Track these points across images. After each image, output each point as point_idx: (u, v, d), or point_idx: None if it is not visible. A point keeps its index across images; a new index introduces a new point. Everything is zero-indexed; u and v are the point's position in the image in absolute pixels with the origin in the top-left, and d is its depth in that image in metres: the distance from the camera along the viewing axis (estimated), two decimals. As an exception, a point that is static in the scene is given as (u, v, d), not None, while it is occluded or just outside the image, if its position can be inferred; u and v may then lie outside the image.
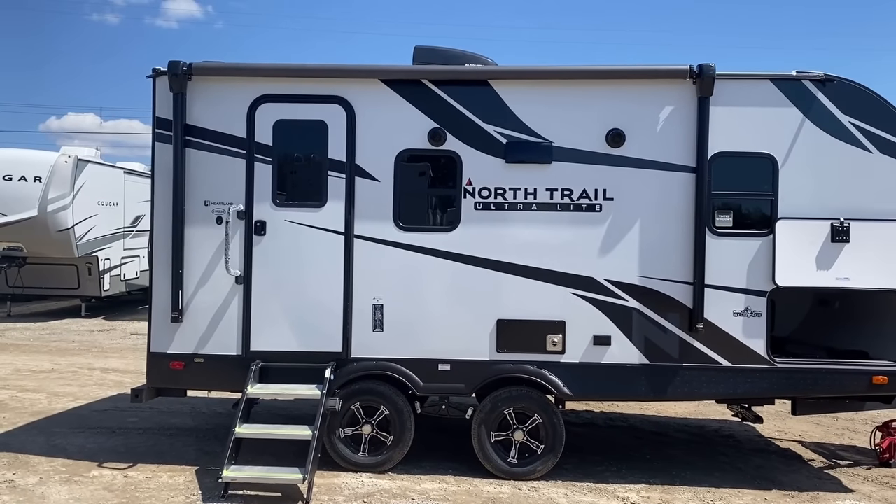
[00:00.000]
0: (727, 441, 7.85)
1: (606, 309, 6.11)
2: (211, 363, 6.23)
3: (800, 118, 6.03)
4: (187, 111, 6.21)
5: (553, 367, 6.13)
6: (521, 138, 6.15)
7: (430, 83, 6.20)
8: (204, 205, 6.23)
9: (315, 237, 6.22)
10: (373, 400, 6.23)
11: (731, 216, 6.09)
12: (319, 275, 6.21)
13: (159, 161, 6.27)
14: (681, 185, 6.07)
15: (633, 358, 6.11)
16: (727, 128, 6.03)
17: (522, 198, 6.15)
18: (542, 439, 6.18)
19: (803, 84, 6.05)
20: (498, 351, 6.15)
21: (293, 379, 6.17)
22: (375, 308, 6.20)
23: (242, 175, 6.23)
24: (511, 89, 6.17)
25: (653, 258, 6.09)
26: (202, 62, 6.22)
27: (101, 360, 11.80)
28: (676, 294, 6.08)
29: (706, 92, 5.98)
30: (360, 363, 6.21)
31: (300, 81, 6.25)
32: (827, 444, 7.79)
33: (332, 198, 6.21)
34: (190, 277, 6.23)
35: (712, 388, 6.09)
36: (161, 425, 7.81)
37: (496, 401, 6.19)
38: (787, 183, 6.03)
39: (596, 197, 6.12)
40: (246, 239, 6.23)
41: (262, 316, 6.22)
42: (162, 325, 6.26)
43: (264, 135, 6.23)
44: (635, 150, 6.10)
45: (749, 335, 6.05)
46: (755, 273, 6.04)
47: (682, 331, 6.08)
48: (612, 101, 6.12)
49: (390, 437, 6.22)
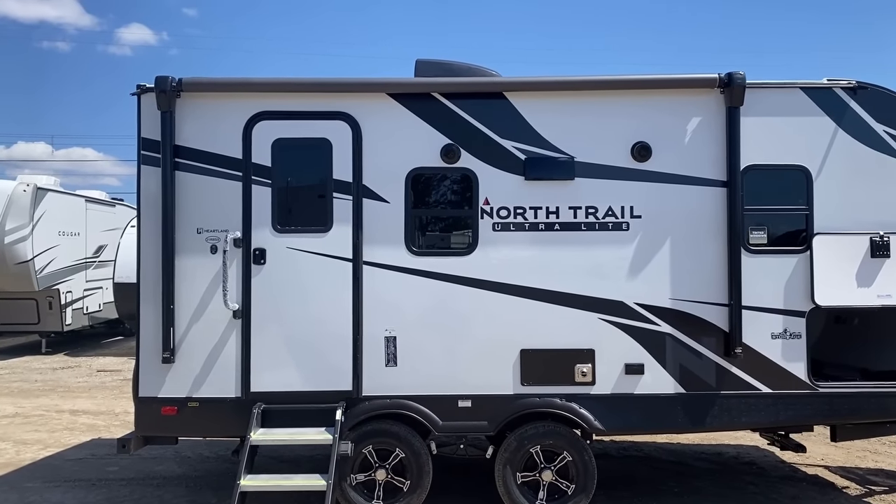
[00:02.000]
0: (750, 468, 7.47)
1: (638, 335, 5.69)
2: (207, 407, 5.63)
3: (832, 128, 5.74)
4: (176, 131, 5.67)
5: (583, 400, 5.68)
6: (541, 154, 5.74)
7: (442, 97, 5.76)
8: (196, 233, 5.67)
9: (320, 265, 5.69)
10: (387, 442, 5.69)
11: (766, 232, 5.75)
12: (325, 306, 5.68)
13: (146, 186, 5.69)
14: (712, 200, 5.71)
15: (667, 387, 5.69)
16: (758, 139, 5.71)
17: (544, 217, 5.72)
18: (573, 479, 5.70)
19: (834, 92, 5.77)
20: (522, 384, 5.68)
21: (299, 422, 5.60)
22: (388, 341, 5.69)
23: (239, 199, 5.68)
24: (529, 102, 5.76)
25: (685, 279, 5.71)
26: (192, 77, 5.69)
27: (68, 401, 11.01)
28: (711, 317, 5.69)
29: (736, 102, 5.65)
30: (372, 402, 5.67)
31: (300, 97, 5.76)
32: (853, 468, 7.46)
33: (337, 222, 5.70)
34: (182, 313, 5.64)
35: (753, 416, 5.70)
36: (145, 474, 7.14)
37: (522, 438, 5.71)
38: (822, 196, 5.71)
39: (622, 215, 5.73)
40: (244, 269, 5.67)
41: (263, 353, 5.66)
42: (151, 367, 5.64)
43: (262, 155, 5.70)
44: (663, 164, 5.73)
45: (789, 359, 5.68)
46: (793, 292, 5.69)
47: (718, 356, 5.69)
48: (636, 113, 5.75)
49: (407, 482, 5.68)
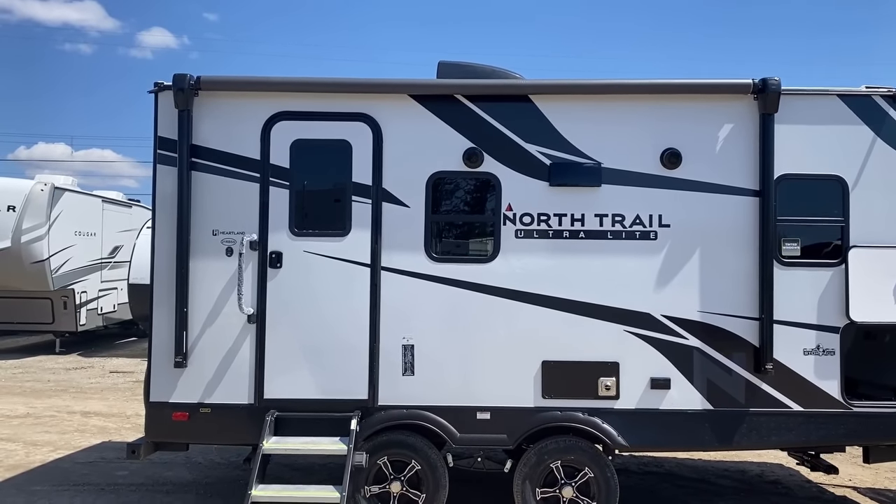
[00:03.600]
0: (776, 488, 7.23)
1: (664, 348, 5.49)
2: (219, 413, 5.49)
3: (870, 137, 5.53)
4: (194, 130, 5.54)
5: (606, 415, 5.49)
6: (567, 159, 5.56)
7: (465, 99, 5.60)
8: (212, 234, 5.54)
9: (337, 270, 5.54)
10: (403, 454, 5.52)
11: (799, 244, 5.54)
12: (342, 312, 5.53)
13: (161, 186, 5.57)
14: (744, 210, 5.51)
15: (694, 403, 5.49)
16: (793, 148, 5.51)
17: (569, 225, 5.54)
18: (594, 496, 5.50)
19: (873, 100, 5.56)
20: (544, 396, 5.49)
21: (312, 430, 5.45)
22: (405, 349, 5.52)
23: (256, 201, 5.55)
24: (555, 105, 5.59)
25: (714, 291, 5.50)
26: (211, 76, 5.57)
27: (80, 403, 10.92)
28: (741, 331, 5.48)
29: (770, 109, 5.46)
30: (388, 412, 5.50)
31: (320, 97, 5.62)
32: (884, 490, 7.20)
33: (356, 226, 5.55)
34: (196, 316, 5.50)
35: (783, 435, 5.48)
36: (155, 480, 7.01)
37: (542, 453, 5.52)
38: (858, 207, 5.50)
39: (650, 224, 5.54)
40: (259, 272, 5.53)
41: (277, 359, 5.51)
42: (163, 371, 5.50)
43: (280, 156, 5.57)
44: (693, 171, 5.54)
45: (822, 376, 5.46)
46: (826, 307, 5.48)
47: (748, 372, 5.48)
48: (667, 119, 5.57)
49: (422, 495, 5.50)
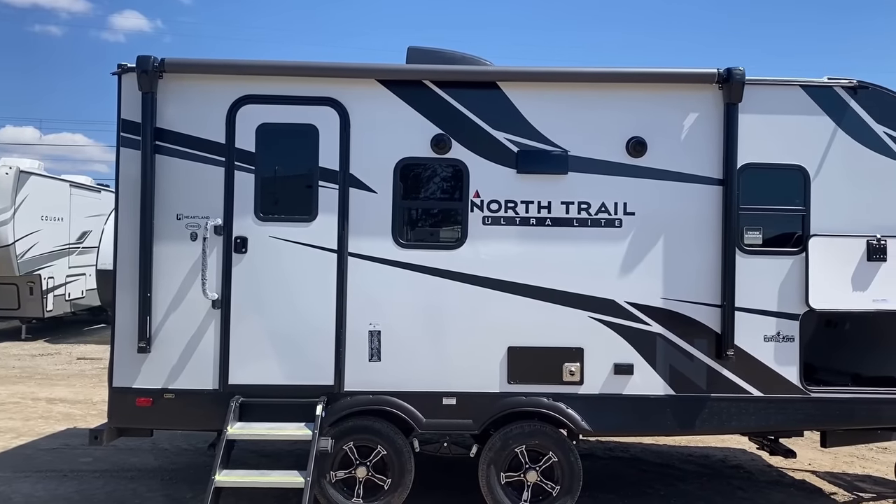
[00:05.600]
0: (737, 472, 7.37)
1: (628, 334, 5.55)
2: (183, 399, 5.45)
3: (832, 127, 5.62)
4: (158, 113, 5.47)
5: (570, 400, 5.54)
6: (534, 147, 5.58)
7: (434, 85, 5.59)
8: (176, 219, 5.48)
9: (303, 255, 5.52)
10: (369, 439, 5.53)
11: (761, 233, 5.62)
12: (308, 298, 5.51)
13: (125, 169, 5.49)
14: (707, 198, 5.58)
15: (657, 388, 5.56)
16: (756, 137, 5.58)
17: (535, 212, 5.57)
18: (558, 480, 5.56)
19: (835, 91, 5.64)
20: (509, 382, 5.53)
21: (278, 416, 5.43)
22: (372, 335, 5.53)
23: (221, 185, 5.50)
24: (523, 93, 5.60)
25: (678, 278, 5.57)
26: (175, 58, 5.49)
27: (45, 389, 10.78)
28: (704, 318, 5.56)
29: (734, 98, 5.52)
30: (354, 398, 5.51)
31: (287, 81, 5.57)
32: (841, 473, 7.37)
33: (322, 211, 5.53)
34: (159, 301, 5.45)
35: (743, 420, 5.58)
36: (119, 466, 6.95)
37: (507, 437, 5.56)
38: (819, 197, 5.59)
39: (615, 211, 5.59)
40: (224, 257, 5.49)
41: (242, 345, 5.48)
42: (126, 357, 5.45)
43: (246, 140, 5.52)
44: (658, 160, 5.59)
45: (781, 362, 5.56)
46: (787, 295, 5.57)
47: (710, 358, 5.56)
48: (632, 108, 5.60)
49: (388, 480, 5.52)
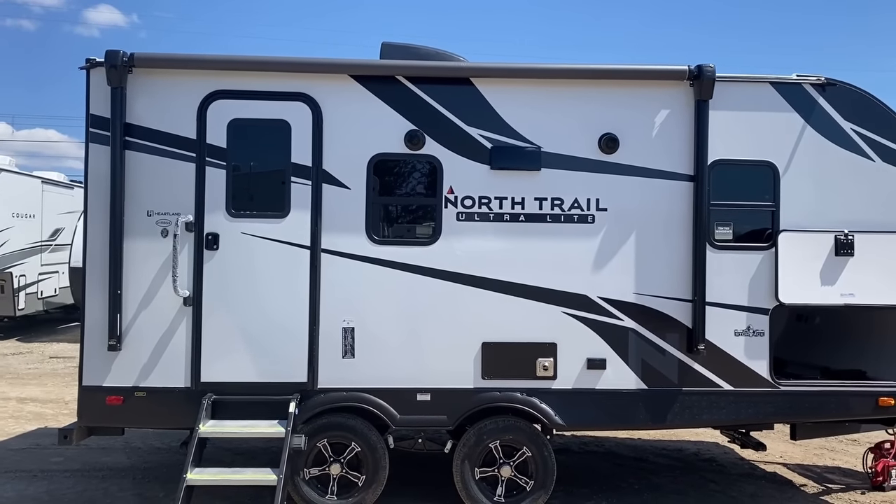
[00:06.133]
0: (710, 465, 7.44)
1: (601, 329, 5.59)
2: (155, 397, 5.41)
3: (801, 124, 5.69)
4: (127, 108, 5.41)
5: (543, 395, 5.57)
6: (508, 143, 5.60)
7: (407, 81, 5.58)
8: (147, 215, 5.43)
9: (276, 252, 5.49)
10: (342, 436, 5.52)
11: (732, 228, 5.69)
12: (281, 295, 5.48)
13: (94, 165, 5.43)
14: (678, 194, 5.63)
15: (629, 383, 5.61)
16: (726, 133, 5.63)
17: (509, 208, 5.59)
18: (532, 474, 5.60)
19: (804, 88, 5.71)
20: (483, 377, 5.55)
21: (251, 414, 5.41)
22: (345, 332, 5.51)
23: (192, 181, 5.45)
24: (496, 89, 5.61)
25: (650, 274, 5.62)
26: (145, 53, 5.43)
27: (16, 389, 10.61)
28: (675, 312, 5.61)
29: (705, 95, 5.57)
30: (328, 395, 5.50)
31: (259, 76, 5.53)
32: (811, 465, 7.48)
33: (295, 207, 5.50)
34: (130, 299, 5.40)
35: (714, 413, 5.64)
36: (91, 466, 6.87)
37: (481, 433, 5.58)
38: (788, 192, 5.66)
39: (588, 207, 5.62)
40: (196, 254, 5.45)
41: (214, 342, 5.44)
42: (96, 355, 5.39)
43: (217, 136, 5.48)
44: (630, 156, 5.63)
45: (751, 356, 5.63)
46: (757, 289, 5.64)
47: (681, 352, 5.62)
48: (604, 104, 5.64)
49: (362, 476, 5.52)
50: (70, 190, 18.17)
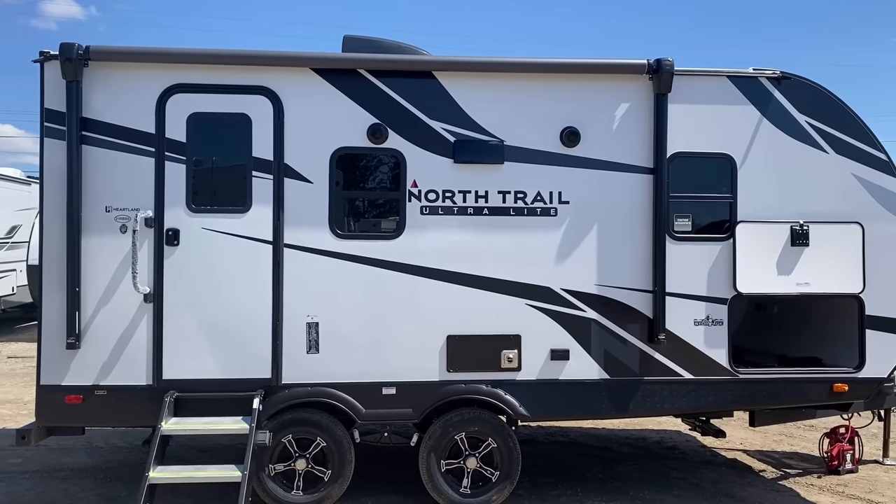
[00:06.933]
0: (673, 453, 7.58)
1: (564, 321, 5.65)
2: (116, 395, 5.33)
3: (757, 117, 5.79)
4: (84, 102, 5.31)
5: (508, 386, 5.61)
6: (471, 136, 5.61)
7: (369, 74, 5.56)
8: (105, 211, 5.34)
9: (238, 247, 5.44)
10: (308, 431, 5.50)
11: (691, 220, 5.78)
12: (243, 290, 5.44)
13: (49, 160, 5.31)
14: (639, 187, 5.70)
15: (592, 373, 5.68)
16: (685, 127, 5.71)
17: (473, 201, 5.61)
18: (497, 466, 5.64)
19: (760, 82, 5.81)
20: (448, 370, 5.57)
21: (214, 410, 5.36)
22: (310, 327, 5.49)
23: (151, 176, 5.37)
24: (458, 83, 5.62)
25: (611, 265, 5.69)
26: (101, 45, 5.33)
27: (-27, 390, 10.38)
28: (636, 303, 5.69)
29: (664, 89, 5.64)
30: (292, 390, 5.47)
31: (219, 69, 5.47)
32: (770, 451, 7.66)
33: (257, 202, 5.46)
34: (89, 296, 5.31)
35: (675, 402, 5.74)
36: (51, 466, 6.76)
37: (447, 425, 5.60)
38: (745, 184, 5.77)
39: (551, 200, 5.66)
40: (156, 250, 5.37)
41: (176, 339, 5.38)
42: (55, 353, 5.29)
43: (177, 130, 5.40)
44: (591, 150, 5.68)
45: (711, 345, 5.73)
46: (715, 280, 5.74)
47: (642, 342, 5.70)
48: (566, 98, 5.68)
49: (328, 471, 5.51)
50: (27, 186, 17.75)
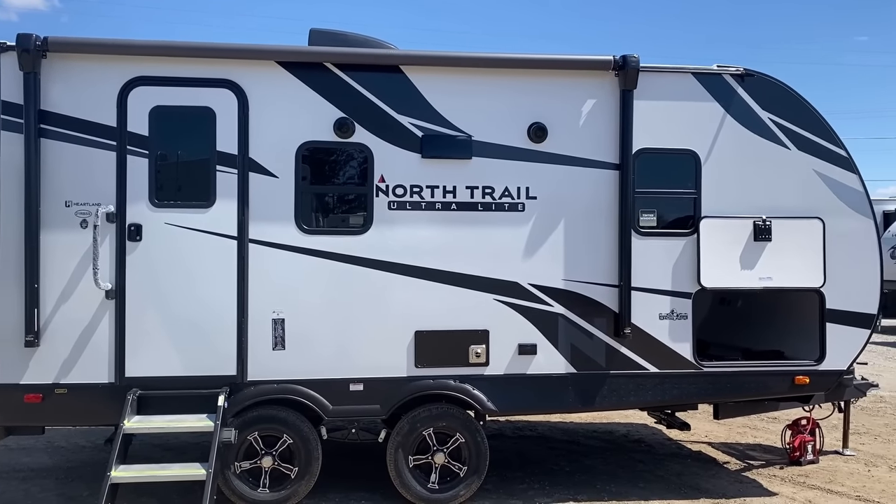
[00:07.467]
0: (639, 446, 7.66)
1: (532, 315, 5.67)
2: (77, 394, 5.23)
3: (721, 113, 5.86)
4: (42, 94, 5.19)
5: (476, 381, 5.62)
6: (439, 131, 5.60)
7: (336, 68, 5.52)
8: (65, 206, 5.23)
9: (202, 242, 5.37)
10: (274, 428, 5.46)
11: (656, 215, 5.84)
12: (208, 286, 5.37)
13: (6, 154, 5.18)
14: (605, 182, 5.74)
15: (559, 367, 5.71)
16: (650, 123, 5.77)
17: (441, 196, 5.60)
18: (465, 460, 5.65)
19: (724, 78, 5.89)
20: (416, 366, 5.56)
21: (179, 409, 5.29)
22: (275, 323, 5.44)
23: (112, 171, 5.28)
24: (426, 77, 5.60)
25: (578, 260, 5.72)
26: (60, 37, 5.22)
27: (-71, 390, 10.11)
28: (602, 298, 5.74)
29: (630, 85, 5.68)
30: (258, 387, 5.42)
31: (182, 62, 5.39)
32: (734, 443, 7.78)
33: (221, 197, 5.39)
34: (48, 293, 5.20)
35: (641, 395, 5.80)
36: (11, 467, 6.62)
37: (415, 421, 5.60)
38: (709, 180, 5.84)
39: (518, 196, 5.68)
40: (118, 246, 5.28)
41: (139, 336, 5.30)
42: (12, 351, 5.16)
43: (139, 124, 5.31)
44: (558, 145, 5.71)
45: (675, 339, 5.80)
46: (680, 274, 5.81)
47: (608, 336, 5.75)
48: (533, 94, 5.70)
49: (294, 468, 5.47)
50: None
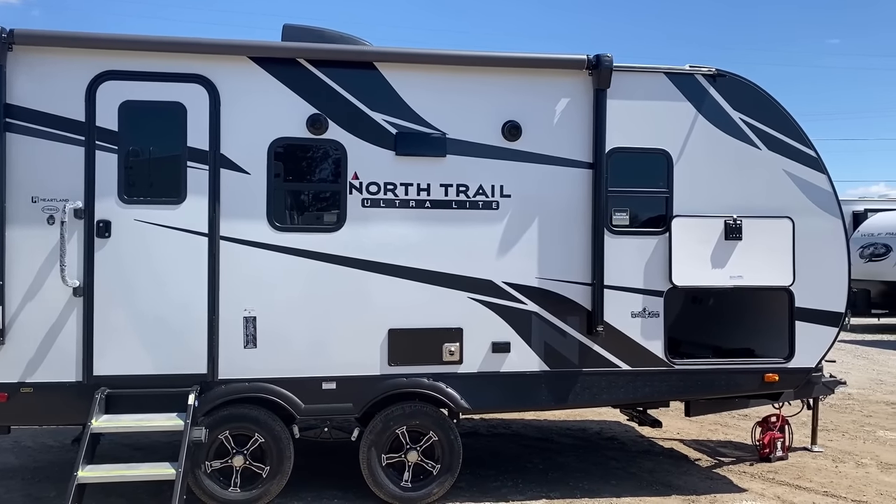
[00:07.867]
0: (612, 443, 7.71)
1: (505, 314, 5.68)
2: (43, 393, 5.14)
3: (693, 113, 5.91)
4: (7, 88, 5.09)
5: (450, 379, 5.62)
6: (413, 129, 5.59)
7: (309, 63, 5.48)
8: (31, 202, 5.13)
9: (172, 239, 5.31)
10: (245, 427, 5.41)
11: (628, 214, 5.87)
12: (178, 284, 5.31)
13: (-30, 148, 5.09)
14: (578, 181, 5.77)
15: (532, 365, 5.72)
16: (623, 122, 5.80)
17: (415, 194, 5.59)
18: (438, 458, 5.64)
19: (696, 78, 5.94)
20: (389, 364, 5.54)
21: (148, 407, 5.23)
22: (247, 321, 5.39)
23: (81, 166, 5.19)
24: (400, 74, 5.58)
25: (551, 259, 5.74)
26: (27, 29, 5.12)
27: None
28: (575, 296, 5.76)
29: (603, 84, 5.71)
30: (229, 385, 5.36)
31: (152, 56, 5.32)
32: (706, 440, 7.85)
33: (192, 193, 5.33)
34: (14, 290, 5.10)
35: (613, 393, 5.84)
36: (-25, 468, 6.49)
37: (388, 419, 5.58)
38: (681, 179, 5.88)
39: (493, 194, 5.68)
40: (86, 242, 5.19)
41: (107, 334, 5.22)
42: (-24, 350, 5.08)
43: (108, 118, 5.23)
44: (532, 144, 5.72)
45: (647, 337, 5.84)
46: (652, 273, 5.85)
47: (581, 334, 5.78)
48: (507, 92, 5.70)
49: (266, 467, 5.42)
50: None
